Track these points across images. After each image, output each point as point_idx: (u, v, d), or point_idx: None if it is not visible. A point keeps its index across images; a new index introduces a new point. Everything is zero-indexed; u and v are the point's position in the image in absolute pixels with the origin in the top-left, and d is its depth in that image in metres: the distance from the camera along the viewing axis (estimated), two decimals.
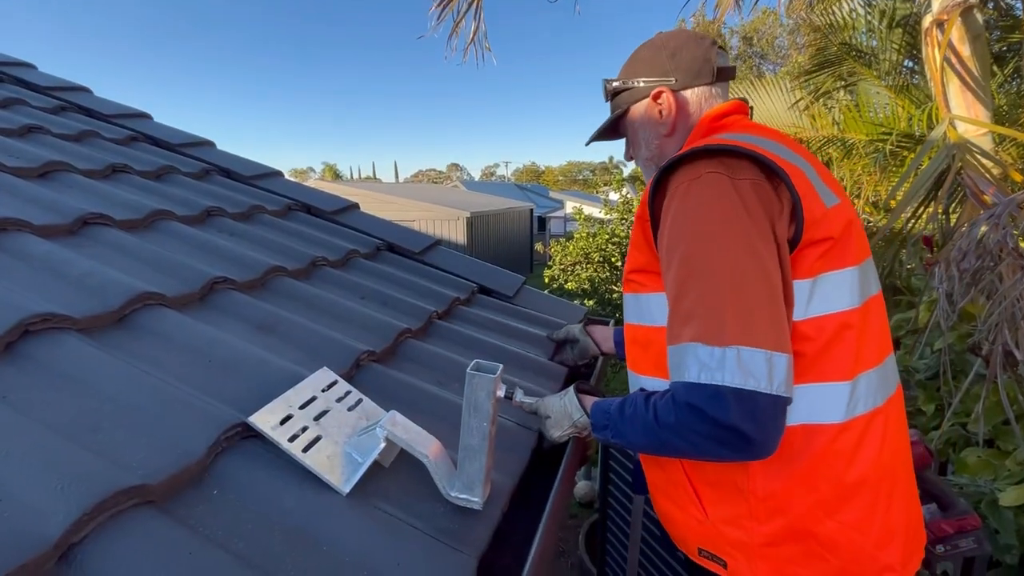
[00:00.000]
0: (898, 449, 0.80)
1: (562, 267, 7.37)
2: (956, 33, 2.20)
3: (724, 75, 0.95)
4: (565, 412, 0.94)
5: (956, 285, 1.38)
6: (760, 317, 0.67)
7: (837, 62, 4.63)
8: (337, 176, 61.42)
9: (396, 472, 0.81)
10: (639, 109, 0.98)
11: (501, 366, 0.76)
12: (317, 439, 0.76)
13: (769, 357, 0.65)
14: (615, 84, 1.01)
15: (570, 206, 25.67)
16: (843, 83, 4.65)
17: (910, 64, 4.20)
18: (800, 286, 0.74)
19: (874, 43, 4.54)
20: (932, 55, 2.18)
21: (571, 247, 7.31)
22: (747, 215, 0.71)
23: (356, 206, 2.10)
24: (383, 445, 0.77)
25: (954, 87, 2.18)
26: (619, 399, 0.86)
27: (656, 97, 0.94)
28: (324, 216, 1.96)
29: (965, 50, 2.22)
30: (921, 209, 2.36)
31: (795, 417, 0.73)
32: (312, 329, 1.10)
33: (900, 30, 3.96)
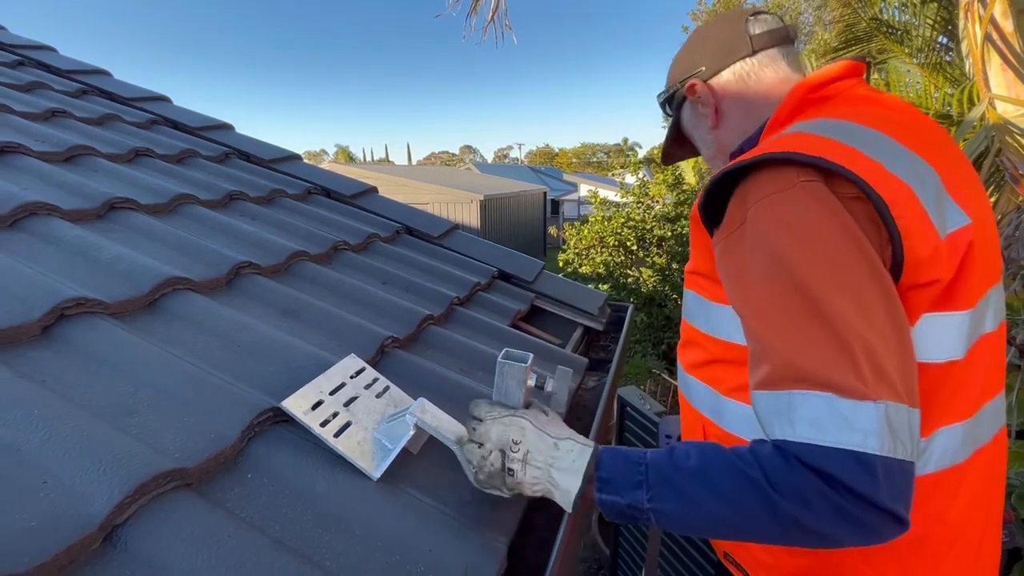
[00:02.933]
0: (976, 508, 0.68)
1: (576, 251, 7.32)
2: (999, 7, 2.09)
3: (772, 39, 0.80)
4: (550, 455, 0.66)
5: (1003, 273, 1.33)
6: (894, 364, 0.52)
7: (866, 39, 4.46)
8: (350, 158, 61.46)
9: (424, 459, 0.82)
10: (686, 112, 0.92)
11: (532, 355, 0.74)
12: (347, 425, 0.77)
13: (910, 415, 0.51)
14: (660, 96, 0.95)
15: (584, 189, 25.41)
16: (872, 61, 4.48)
17: (944, 40, 4.02)
18: None
19: (906, 18, 4.35)
20: (972, 30, 2.08)
21: (586, 231, 7.24)
22: (864, 236, 0.57)
23: (375, 189, 2.09)
24: (412, 432, 0.77)
25: (995, 65, 2.08)
26: (649, 451, 0.63)
27: (691, 92, 0.87)
28: (343, 200, 1.96)
29: (1008, 25, 2.11)
30: None
31: None
32: (336, 314, 1.10)
33: (935, 4, 3.79)
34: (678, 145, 1.00)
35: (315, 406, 0.77)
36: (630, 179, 7.74)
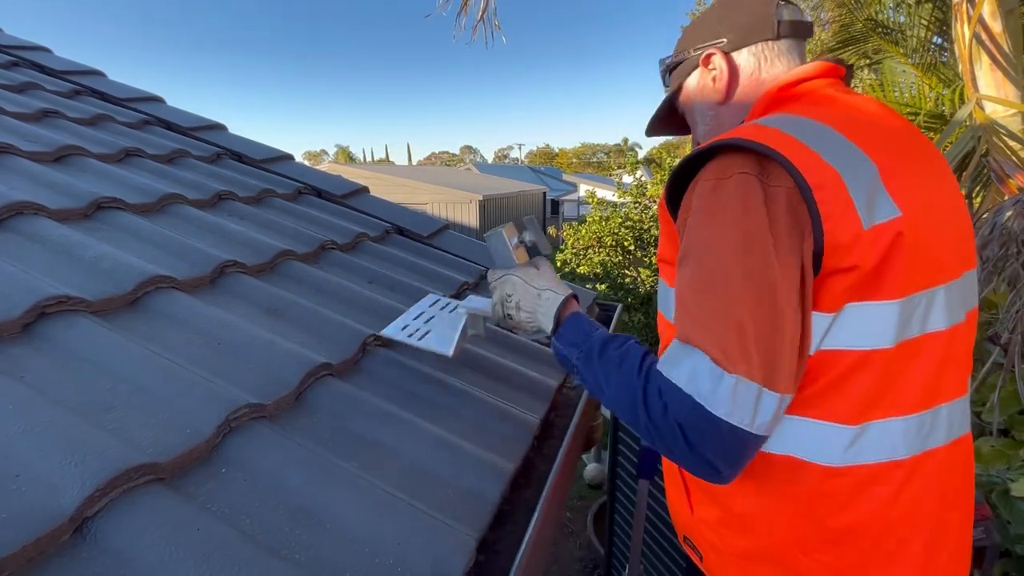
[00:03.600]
0: (925, 512, 0.68)
1: (574, 251, 7.33)
2: (988, 8, 2.10)
3: (794, 31, 0.80)
4: (533, 302, 0.84)
5: (979, 273, 1.34)
6: (761, 347, 0.60)
7: (862, 39, 4.46)
8: (350, 158, 61.51)
9: (399, 455, 0.83)
10: (692, 81, 0.88)
11: (509, 223, 0.90)
12: (427, 332, 1.03)
13: (760, 393, 0.59)
14: (668, 61, 0.92)
15: (583, 189, 25.41)
16: (868, 61, 4.49)
17: (939, 41, 4.03)
18: (820, 319, 0.64)
19: (902, 19, 4.36)
20: (961, 31, 2.09)
21: (584, 231, 7.26)
22: (772, 235, 0.61)
23: (366, 189, 2.10)
24: (464, 316, 1.01)
25: (984, 65, 2.09)
26: (603, 331, 0.76)
27: (706, 62, 0.84)
28: (334, 200, 1.97)
29: (997, 26, 2.12)
30: None
31: (781, 447, 0.68)
32: (320, 313, 1.11)
33: (929, 5, 3.79)
34: (668, 119, 0.98)
35: (403, 328, 1.06)
36: (628, 179, 7.75)
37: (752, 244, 0.62)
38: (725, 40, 0.82)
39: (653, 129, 1.02)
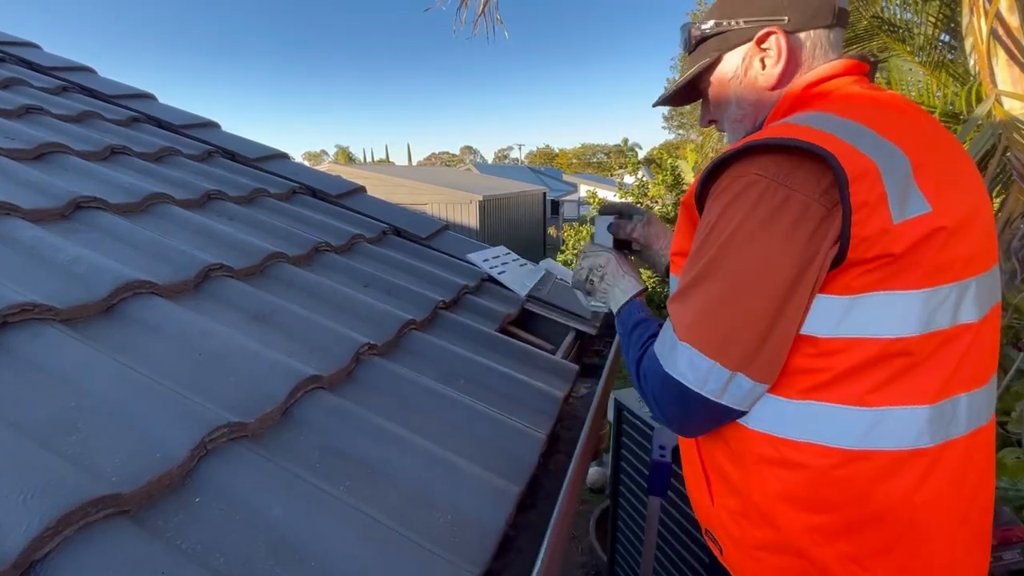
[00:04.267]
0: (954, 500, 0.68)
1: (575, 252, 7.26)
2: (1005, 1, 2.03)
3: (845, 19, 0.77)
4: (616, 279, 1.00)
5: (1006, 277, 1.27)
6: (743, 340, 0.66)
7: (867, 37, 4.39)
8: (350, 159, 61.41)
9: (393, 478, 0.76)
10: (734, 58, 0.81)
11: (612, 217, 1.13)
12: (503, 272, 1.22)
13: (732, 377, 0.67)
14: (705, 27, 0.82)
15: (584, 189, 25.35)
16: (873, 59, 4.42)
17: (946, 39, 3.96)
18: (832, 303, 0.65)
19: (908, 16, 4.29)
20: (978, 25, 2.02)
21: (585, 231, 7.19)
22: (784, 241, 0.64)
23: (362, 189, 2.04)
24: (543, 271, 1.19)
25: (1001, 60, 2.02)
26: (646, 318, 0.90)
27: (762, 41, 0.77)
28: (329, 200, 1.90)
29: (1015, 20, 2.05)
30: None
31: (801, 433, 0.68)
32: (310, 319, 1.05)
33: (937, 1, 3.72)
34: (687, 92, 0.91)
35: (484, 260, 1.24)
36: (629, 180, 7.69)
37: (761, 245, 0.65)
38: (786, 19, 0.76)
39: (668, 101, 0.95)
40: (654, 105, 1.00)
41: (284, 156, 2.09)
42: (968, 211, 0.66)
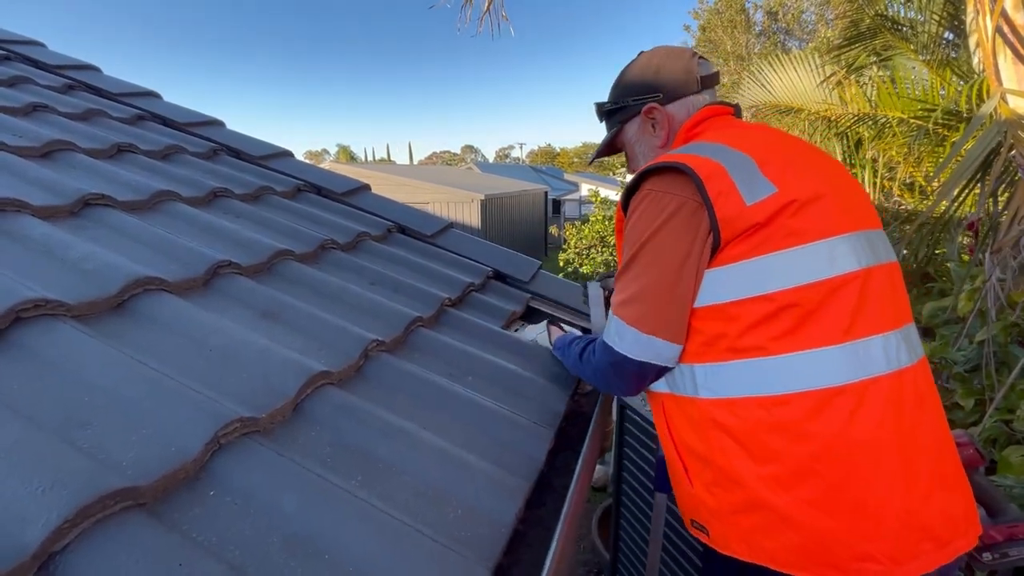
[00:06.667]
0: (893, 435, 0.75)
1: (577, 250, 7.26)
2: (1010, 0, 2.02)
3: (708, 82, 1.05)
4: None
5: (1012, 274, 1.27)
6: (653, 311, 0.84)
7: (871, 35, 4.37)
8: (351, 158, 61.35)
9: (403, 473, 0.76)
10: (633, 126, 1.09)
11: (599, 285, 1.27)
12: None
13: (638, 336, 0.85)
14: (607, 106, 1.12)
15: (585, 188, 25.32)
16: (877, 58, 4.40)
17: (950, 36, 3.95)
18: (724, 272, 0.81)
19: (912, 14, 4.28)
20: (983, 23, 2.01)
21: (587, 230, 7.20)
22: (671, 232, 0.84)
23: (367, 187, 2.04)
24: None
25: (1007, 58, 2.02)
26: (574, 337, 1.13)
27: (648, 113, 1.05)
28: (334, 197, 1.90)
29: (1020, 18, 2.04)
30: (964, 192, 2.21)
31: (733, 389, 0.80)
32: (318, 316, 1.05)
33: None
34: (610, 149, 1.19)
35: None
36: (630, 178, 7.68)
37: (661, 240, 0.85)
38: (661, 95, 1.04)
39: (598, 155, 1.23)
40: (590, 162, 1.38)
41: (289, 154, 2.10)
42: (817, 188, 0.83)
